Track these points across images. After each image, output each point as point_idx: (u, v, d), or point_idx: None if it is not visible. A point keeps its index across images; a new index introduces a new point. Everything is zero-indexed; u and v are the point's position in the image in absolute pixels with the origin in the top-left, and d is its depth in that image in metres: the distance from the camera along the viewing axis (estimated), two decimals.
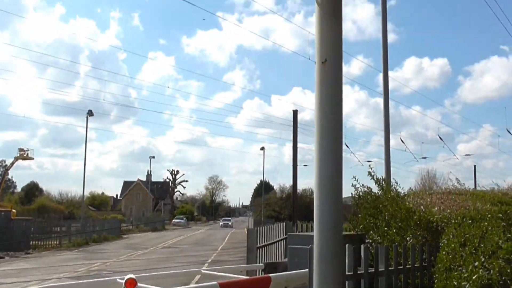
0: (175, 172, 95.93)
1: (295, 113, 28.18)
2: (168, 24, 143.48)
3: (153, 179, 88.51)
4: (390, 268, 4.65)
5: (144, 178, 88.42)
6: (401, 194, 7.11)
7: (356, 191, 7.33)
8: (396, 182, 7.48)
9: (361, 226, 6.68)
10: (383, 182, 7.37)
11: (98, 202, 78.76)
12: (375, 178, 7.36)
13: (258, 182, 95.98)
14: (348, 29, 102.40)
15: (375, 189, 7.20)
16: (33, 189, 66.10)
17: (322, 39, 2.88)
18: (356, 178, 7.47)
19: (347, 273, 4.19)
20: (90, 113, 38.50)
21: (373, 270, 4.52)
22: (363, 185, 7.30)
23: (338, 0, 2.85)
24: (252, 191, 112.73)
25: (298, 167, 26.99)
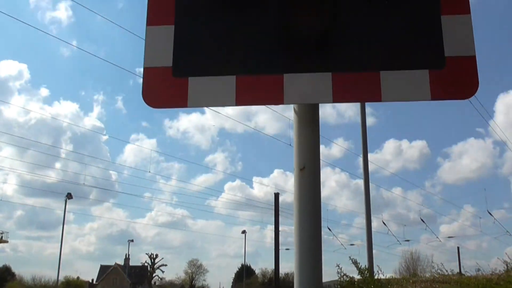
0: (154, 256, 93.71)
1: (276, 196, 28.16)
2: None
3: (131, 263, 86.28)
4: None
5: (122, 262, 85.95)
6: (384, 283, 7.01)
7: (340, 280, 7.22)
8: (380, 270, 7.41)
9: None
10: (366, 272, 7.28)
11: (73, 287, 75.98)
12: (358, 268, 7.28)
13: (239, 266, 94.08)
14: (328, 113, 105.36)
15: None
16: (4, 274, 63.72)
17: (300, 146, 2.92)
18: (339, 266, 7.36)
19: None
20: (69, 196, 38.00)
21: None
22: (345, 275, 7.20)
23: (315, 108, 2.93)
24: (233, 275, 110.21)
25: (280, 250, 26.65)
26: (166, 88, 2.73)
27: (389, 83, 2.69)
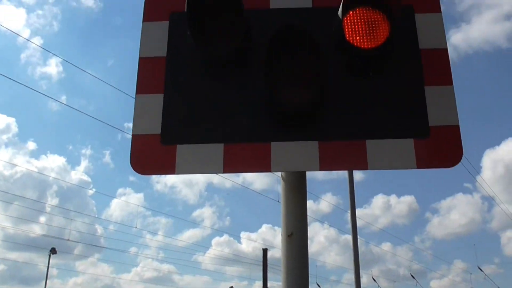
0: None
1: (264, 251, 27.83)
2: None
3: None
4: None
5: None
6: None
7: None
8: None
9: None
10: None
11: None
12: None
13: None
14: None
15: None
16: None
17: (287, 213, 2.92)
18: None
19: None
20: (53, 250, 37.24)
21: None
22: None
23: (302, 176, 2.95)
24: None
25: None
26: (154, 155, 2.74)
27: (375, 152, 2.73)
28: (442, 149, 2.75)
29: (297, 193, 2.93)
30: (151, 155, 2.75)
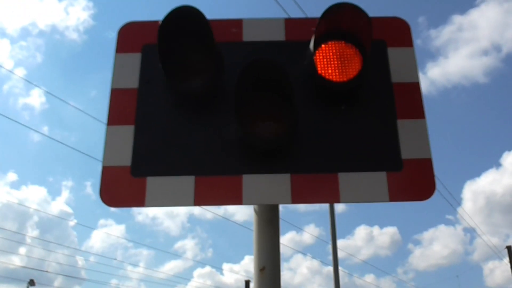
0: None
1: (247, 283, 27.49)
2: None
3: None
4: None
5: None
6: None
7: None
8: None
9: None
10: None
11: None
12: None
13: None
14: None
15: None
16: None
17: (260, 246, 2.88)
18: None
19: None
20: (31, 282, 36.33)
21: None
22: None
23: (275, 209, 2.92)
24: None
25: None
26: (124, 187, 2.70)
27: (347, 184, 2.71)
28: (415, 182, 2.75)
29: (269, 226, 2.89)
30: (121, 187, 2.70)
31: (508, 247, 35.51)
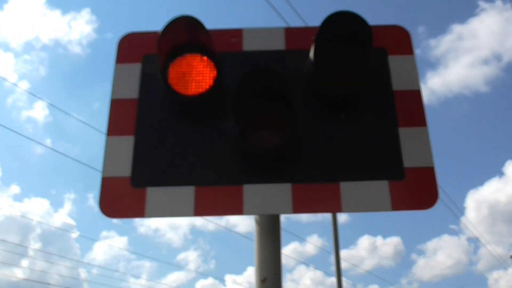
0: None
1: None
2: None
3: None
4: None
5: None
6: None
7: None
8: None
9: None
10: None
11: None
12: None
13: None
14: None
15: None
16: None
17: (261, 257, 2.85)
18: None
19: None
20: None
21: None
22: None
23: (276, 219, 2.89)
24: None
25: None
26: (124, 198, 2.67)
27: (349, 194, 2.68)
28: (417, 191, 2.72)
29: (271, 237, 2.86)
30: (121, 198, 2.68)
31: None
